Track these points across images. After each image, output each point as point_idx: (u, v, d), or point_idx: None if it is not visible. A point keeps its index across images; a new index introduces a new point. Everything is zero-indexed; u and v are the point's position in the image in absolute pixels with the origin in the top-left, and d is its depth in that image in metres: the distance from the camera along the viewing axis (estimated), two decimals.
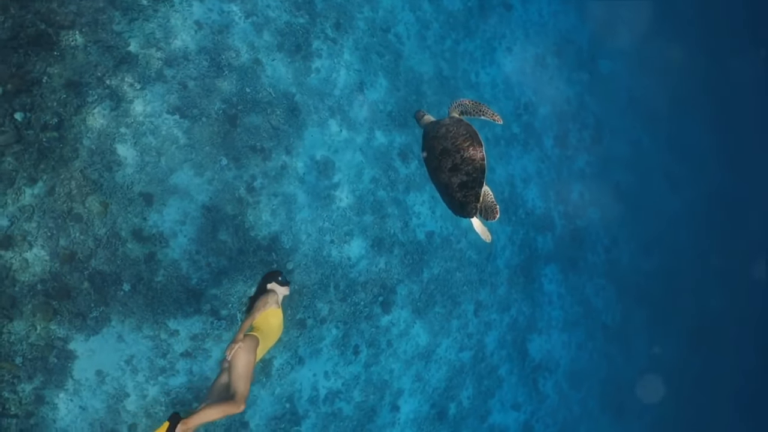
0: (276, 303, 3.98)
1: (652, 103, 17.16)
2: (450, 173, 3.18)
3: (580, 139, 13.42)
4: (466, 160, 3.15)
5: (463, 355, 9.53)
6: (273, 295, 4.00)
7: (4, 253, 4.83)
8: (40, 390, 5.06)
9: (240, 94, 6.54)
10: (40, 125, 4.97)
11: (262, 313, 3.85)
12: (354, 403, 7.77)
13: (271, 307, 3.91)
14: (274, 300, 3.96)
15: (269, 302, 3.92)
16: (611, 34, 15.48)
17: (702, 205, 18.93)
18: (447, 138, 3.23)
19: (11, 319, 4.87)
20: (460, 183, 3.15)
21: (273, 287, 4.09)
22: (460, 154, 3.16)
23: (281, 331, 4.00)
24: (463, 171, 3.15)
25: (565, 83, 13.27)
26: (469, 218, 3.29)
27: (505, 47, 11.49)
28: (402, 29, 9.05)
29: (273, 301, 3.95)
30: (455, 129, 3.24)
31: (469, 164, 3.15)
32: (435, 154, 3.27)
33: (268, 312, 3.89)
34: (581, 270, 12.83)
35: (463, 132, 3.23)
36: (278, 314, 3.96)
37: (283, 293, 4.13)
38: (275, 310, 3.94)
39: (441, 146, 3.23)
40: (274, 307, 3.94)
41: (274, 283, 4.11)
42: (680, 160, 17.85)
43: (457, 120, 3.33)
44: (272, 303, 3.93)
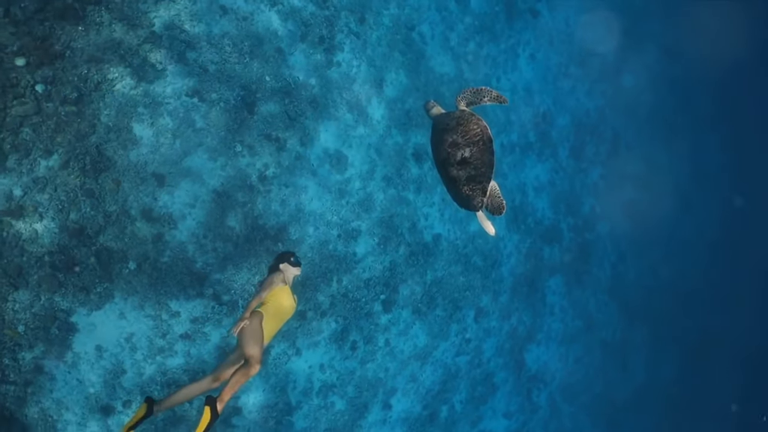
0: (282, 282, 4.08)
1: (672, 121, 16.96)
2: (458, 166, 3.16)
3: (597, 153, 13.29)
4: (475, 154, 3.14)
5: (460, 359, 9.52)
6: (279, 274, 4.11)
7: (15, 223, 4.88)
8: (39, 359, 5.13)
9: (259, 82, 6.53)
10: (60, 98, 4.99)
11: (270, 292, 3.97)
12: (347, 398, 7.80)
13: (278, 286, 4.01)
14: (279, 279, 4.07)
15: (275, 282, 4.03)
16: (638, 49, 15.27)
17: (713, 228, 18.72)
18: (457, 131, 3.20)
19: (17, 288, 4.92)
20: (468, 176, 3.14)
21: (285, 267, 4.23)
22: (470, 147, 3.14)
23: (293, 309, 4.11)
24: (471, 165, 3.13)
25: (586, 95, 13.13)
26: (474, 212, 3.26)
27: (529, 54, 11.37)
28: (426, 28, 8.98)
29: (279, 281, 4.05)
30: (466, 122, 3.21)
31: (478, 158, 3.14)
32: (444, 147, 3.23)
33: (276, 291, 4.00)
34: (586, 284, 12.75)
35: (474, 126, 3.20)
36: (285, 292, 4.05)
37: (294, 273, 4.27)
38: (282, 288, 4.04)
39: (450, 139, 3.20)
40: (281, 285, 4.04)
41: (287, 263, 4.25)
42: (695, 181, 17.63)
43: (468, 113, 3.29)
44: (278, 282, 4.04)
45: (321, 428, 7.50)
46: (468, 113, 3.29)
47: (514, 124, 10.74)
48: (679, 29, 17.45)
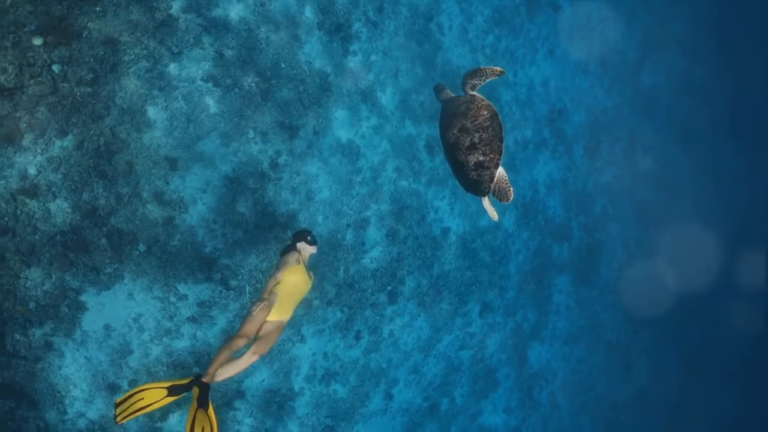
0: (297, 261, 4.20)
1: (690, 125, 16.67)
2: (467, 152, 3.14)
3: (611, 152, 13.11)
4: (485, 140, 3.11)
5: (463, 353, 9.54)
6: (294, 254, 4.25)
7: (29, 201, 4.93)
8: (49, 336, 5.21)
9: (275, 68, 6.49)
10: (75, 79, 5.00)
11: (286, 271, 4.12)
12: (349, 386, 7.86)
13: (293, 265, 4.14)
14: (294, 259, 4.20)
15: (290, 261, 4.17)
16: (660, 49, 14.98)
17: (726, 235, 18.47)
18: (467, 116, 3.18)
19: (29, 266, 4.99)
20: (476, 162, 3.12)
21: (302, 246, 4.38)
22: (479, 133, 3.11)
23: (308, 286, 4.27)
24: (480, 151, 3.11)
25: (605, 93, 12.92)
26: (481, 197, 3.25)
27: (548, 49, 11.19)
28: (445, 19, 8.86)
29: (294, 260, 4.18)
30: (476, 107, 3.18)
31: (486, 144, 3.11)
32: (453, 131, 3.21)
33: (291, 269, 4.13)
34: (593, 284, 12.67)
35: (485, 112, 3.17)
36: (300, 271, 4.18)
37: (310, 251, 4.41)
38: (297, 267, 4.16)
39: (460, 124, 3.18)
40: (294, 264, 4.16)
41: (303, 242, 4.39)
42: (710, 186, 17.36)
43: (479, 98, 3.25)
44: (293, 262, 4.17)
45: (322, 415, 7.58)
46: (478, 98, 3.23)
47: (529, 120, 10.62)
48: (702, 32, 17.10)
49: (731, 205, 18.39)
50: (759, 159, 19.10)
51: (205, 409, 3.43)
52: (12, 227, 4.89)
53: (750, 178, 18.99)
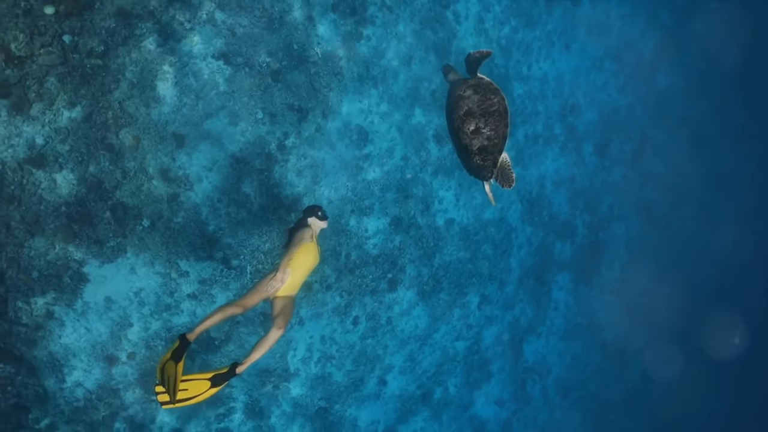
0: (311, 238, 4.30)
1: (703, 128, 16.46)
2: (471, 136, 3.12)
3: (621, 152, 12.99)
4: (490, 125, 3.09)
5: (459, 344, 9.60)
6: (308, 230, 4.33)
7: (36, 171, 4.94)
8: (51, 305, 5.27)
9: (287, 49, 6.43)
10: (86, 50, 4.96)
11: (300, 248, 4.20)
12: (344, 370, 7.94)
13: (307, 242, 4.23)
14: (309, 235, 4.29)
15: (305, 238, 4.25)
16: (678, 49, 14.72)
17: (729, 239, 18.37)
18: (473, 100, 3.15)
19: (33, 235, 5.02)
20: (480, 147, 3.11)
21: (313, 221, 4.44)
22: (485, 118, 3.09)
23: (317, 261, 4.36)
24: (484, 135, 3.10)
25: (618, 91, 12.75)
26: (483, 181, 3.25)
27: (564, 43, 11.01)
28: (462, 8, 8.72)
29: (308, 237, 4.27)
30: (483, 91, 3.15)
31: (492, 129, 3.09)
32: (459, 114, 3.18)
33: (304, 246, 4.23)
34: (594, 283, 12.68)
35: (491, 96, 3.14)
36: (312, 249, 4.28)
37: (320, 227, 4.49)
38: (310, 244, 4.26)
39: (466, 107, 3.15)
40: (308, 241, 4.25)
41: (314, 217, 4.44)
42: (718, 192, 17.22)
43: (487, 82, 3.21)
44: (307, 238, 4.26)
45: (316, 397, 7.67)
46: (486, 82, 3.19)
47: (541, 115, 10.51)
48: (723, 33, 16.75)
49: (738, 209, 18.26)
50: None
51: (176, 362, 3.73)
52: (18, 196, 4.90)
53: (759, 183, 18.81)
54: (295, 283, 4.21)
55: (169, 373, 3.81)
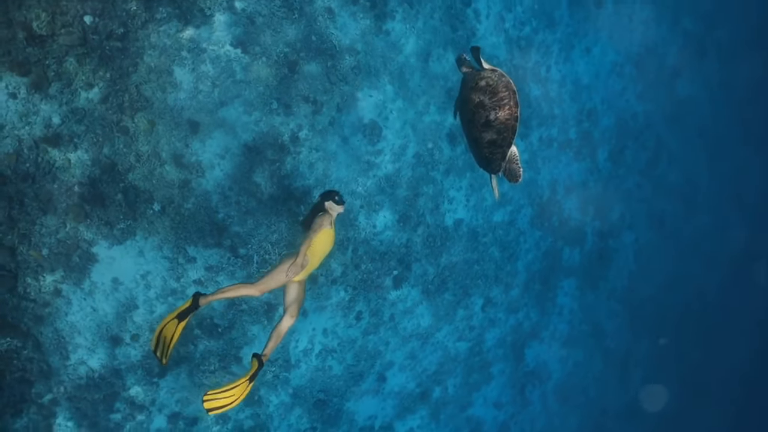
0: (330, 224, 4.35)
1: (722, 139, 16.23)
2: (482, 128, 3.15)
3: (636, 159, 12.84)
4: (500, 118, 3.10)
5: (460, 345, 9.59)
6: (328, 217, 4.37)
7: (51, 150, 4.97)
8: (59, 283, 5.32)
9: (305, 40, 6.40)
10: (106, 32, 4.98)
11: (319, 234, 4.27)
12: (345, 364, 7.96)
13: (325, 228, 4.29)
14: (328, 222, 4.34)
15: (324, 224, 4.29)
16: (700, 57, 14.49)
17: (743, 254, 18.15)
18: (485, 92, 3.15)
19: (45, 213, 5.07)
20: (490, 140, 3.14)
21: (330, 206, 4.45)
22: (495, 111, 3.10)
23: (332, 246, 4.45)
24: (494, 128, 3.11)
25: (637, 98, 12.58)
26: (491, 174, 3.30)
27: (585, 47, 10.87)
28: (482, 6, 8.62)
29: (327, 222, 4.32)
30: (495, 84, 3.15)
31: (501, 122, 3.10)
32: (470, 107, 3.20)
33: (323, 232, 4.30)
34: (600, 291, 12.58)
35: (503, 89, 3.14)
36: (329, 235, 4.36)
37: (338, 211, 4.50)
38: (328, 231, 4.33)
39: (478, 99, 3.16)
40: (327, 227, 4.31)
41: (331, 201, 4.45)
42: (732, 205, 16.99)
43: (499, 74, 3.21)
44: (326, 224, 4.31)
45: (315, 389, 7.71)
46: (498, 74, 3.20)
47: (557, 119, 10.40)
48: (746, 42, 16.46)
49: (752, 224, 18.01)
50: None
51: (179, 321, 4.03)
52: (33, 174, 4.95)
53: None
54: (311, 268, 4.29)
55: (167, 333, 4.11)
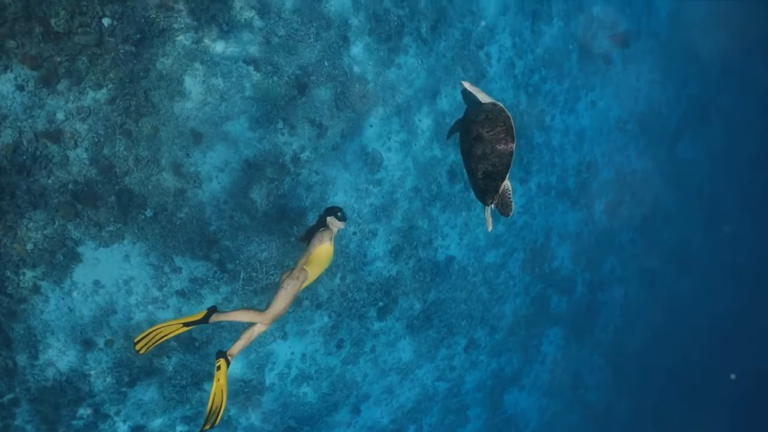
0: (330, 240, 4.41)
1: (719, 203, 16.42)
2: (478, 160, 3.24)
3: (632, 215, 12.94)
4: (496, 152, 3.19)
5: (440, 384, 9.42)
6: (329, 232, 4.45)
7: (50, 145, 4.94)
8: (39, 280, 5.21)
9: (317, 65, 6.48)
10: (122, 36, 5.02)
11: (318, 248, 4.34)
12: (320, 392, 7.79)
13: (325, 243, 4.36)
14: (329, 237, 4.41)
15: (324, 239, 4.37)
16: (703, 121, 14.78)
17: (731, 320, 18.15)
18: (484, 125, 3.24)
19: (36, 207, 5.00)
20: (485, 172, 3.23)
21: (331, 221, 4.55)
22: (492, 144, 3.19)
23: (330, 262, 4.51)
24: (489, 161, 3.20)
25: (638, 155, 12.77)
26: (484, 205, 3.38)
27: (591, 100, 11.09)
28: (495, 50, 8.80)
29: (327, 238, 4.39)
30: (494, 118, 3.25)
31: (496, 156, 3.19)
32: (469, 138, 3.30)
33: (322, 247, 4.36)
34: (585, 343, 12.48)
35: (501, 124, 3.23)
36: (330, 249, 4.42)
37: (338, 228, 4.59)
38: (328, 245, 4.39)
39: (476, 131, 3.26)
40: (328, 243, 4.38)
41: (333, 217, 4.55)
42: (725, 270, 17.06)
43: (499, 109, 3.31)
44: (327, 240, 4.38)
45: (287, 415, 7.51)
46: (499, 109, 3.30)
47: (557, 167, 10.51)
48: (750, 112, 16.85)
49: (743, 290, 18.06)
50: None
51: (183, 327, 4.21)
52: (28, 167, 4.90)
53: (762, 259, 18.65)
54: (309, 281, 4.32)
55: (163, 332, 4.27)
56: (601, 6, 10.72)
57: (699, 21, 13.94)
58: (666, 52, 12.83)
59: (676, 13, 12.99)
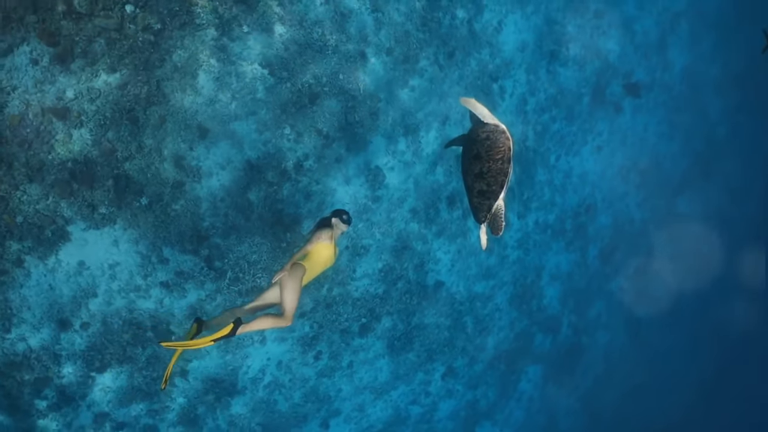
0: (329, 238, 4.41)
1: (710, 262, 16.45)
2: (475, 178, 3.33)
3: (625, 263, 12.95)
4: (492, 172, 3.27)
5: (413, 408, 9.31)
6: (328, 230, 4.46)
7: (56, 122, 4.94)
8: (24, 254, 5.17)
9: (332, 76, 6.53)
10: (143, 24, 5.06)
11: (316, 245, 4.35)
12: (291, 402, 7.68)
13: (324, 242, 4.36)
14: (327, 236, 4.41)
15: (322, 237, 4.38)
16: (704, 179, 14.90)
17: (711, 382, 18.07)
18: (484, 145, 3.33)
19: (32, 181, 4.98)
20: (480, 191, 3.31)
21: (336, 222, 4.55)
22: (489, 164, 3.28)
23: (331, 263, 4.52)
24: (485, 181, 3.28)
25: (637, 205, 12.84)
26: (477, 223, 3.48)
27: (597, 145, 11.18)
28: (509, 85, 8.91)
29: (326, 237, 4.40)
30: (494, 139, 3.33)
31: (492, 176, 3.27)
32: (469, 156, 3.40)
33: (321, 244, 4.35)
34: (563, 384, 12.38)
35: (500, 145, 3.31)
36: (329, 248, 4.41)
37: (342, 229, 4.59)
38: (327, 244, 4.38)
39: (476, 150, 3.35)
40: (327, 241, 4.37)
41: (338, 219, 4.55)
42: (711, 332, 17.04)
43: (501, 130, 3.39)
44: (325, 238, 4.38)
45: (255, 421, 7.39)
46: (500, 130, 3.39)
47: (556, 207, 10.54)
48: (752, 176, 17.00)
49: (725, 354, 18.01)
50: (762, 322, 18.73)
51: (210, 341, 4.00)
52: (30, 140, 4.90)
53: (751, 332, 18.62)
54: (308, 278, 4.31)
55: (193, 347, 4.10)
56: (618, 55, 10.88)
57: (712, 81, 14.16)
58: (676, 107, 12.99)
59: (691, 70, 13.18)
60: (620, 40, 10.88)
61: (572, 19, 9.64)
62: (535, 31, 8.98)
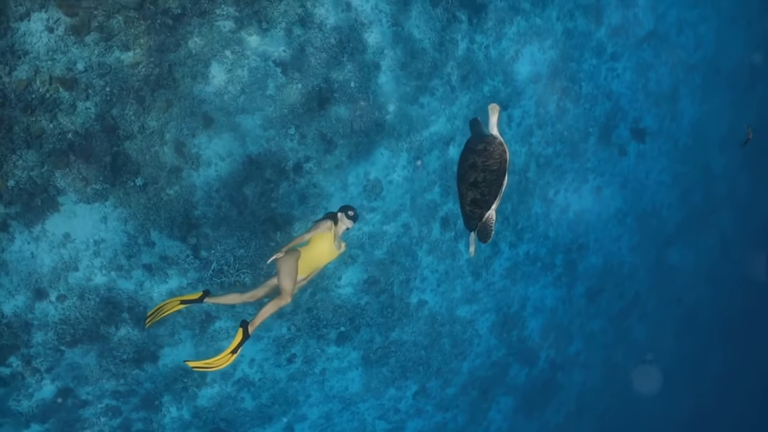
0: (329, 229, 4.41)
1: (696, 315, 16.51)
2: (469, 186, 3.38)
3: (609, 305, 12.96)
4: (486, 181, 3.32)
5: (380, 423, 9.23)
6: (329, 222, 4.44)
7: (62, 91, 4.93)
8: (10, 219, 5.13)
9: (343, 83, 6.56)
10: (163, 7, 5.07)
11: (315, 235, 4.35)
12: (258, 402, 7.60)
13: (323, 232, 4.36)
14: (327, 227, 4.40)
15: (321, 227, 4.37)
16: (699, 231, 14.98)
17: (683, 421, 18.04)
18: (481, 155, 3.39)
19: (29, 147, 4.96)
20: (473, 199, 3.37)
21: (341, 216, 4.52)
22: (484, 174, 3.33)
23: (332, 257, 4.50)
24: (479, 190, 3.34)
25: (629, 249, 12.87)
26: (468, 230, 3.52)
27: (597, 185, 11.23)
28: (518, 114, 8.96)
29: (326, 227, 4.39)
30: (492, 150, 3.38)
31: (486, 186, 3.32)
32: (465, 164, 3.45)
33: (320, 235, 4.37)
34: (534, 419, 12.32)
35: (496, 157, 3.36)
36: (328, 239, 4.40)
37: (346, 225, 4.54)
38: (327, 235, 4.38)
39: (472, 159, 3.40)
40: (326, 232, 4.38)
41: (344, 213, 4.52)
42: (688, 383, 17.03)
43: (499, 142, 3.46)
44: (324, 228, 4.38)
45: (219, 416, 7.31)
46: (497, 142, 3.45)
47: (549, 240, 10.56)
48: (746, 236, 17.11)
49: (701, 408, 18.00)
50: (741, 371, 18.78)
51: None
52: (34, 107, 4.88)
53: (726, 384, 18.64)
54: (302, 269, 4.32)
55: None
56: (629, 99, 10.98)
57: (718, 137, 14.29)
58: (680, 158, 13.09)
59: (699, 123, 13.32)
60: (633, 85, 10.98)
61: (588, 59, 9.73)
62: (550, 65, 9.05)
